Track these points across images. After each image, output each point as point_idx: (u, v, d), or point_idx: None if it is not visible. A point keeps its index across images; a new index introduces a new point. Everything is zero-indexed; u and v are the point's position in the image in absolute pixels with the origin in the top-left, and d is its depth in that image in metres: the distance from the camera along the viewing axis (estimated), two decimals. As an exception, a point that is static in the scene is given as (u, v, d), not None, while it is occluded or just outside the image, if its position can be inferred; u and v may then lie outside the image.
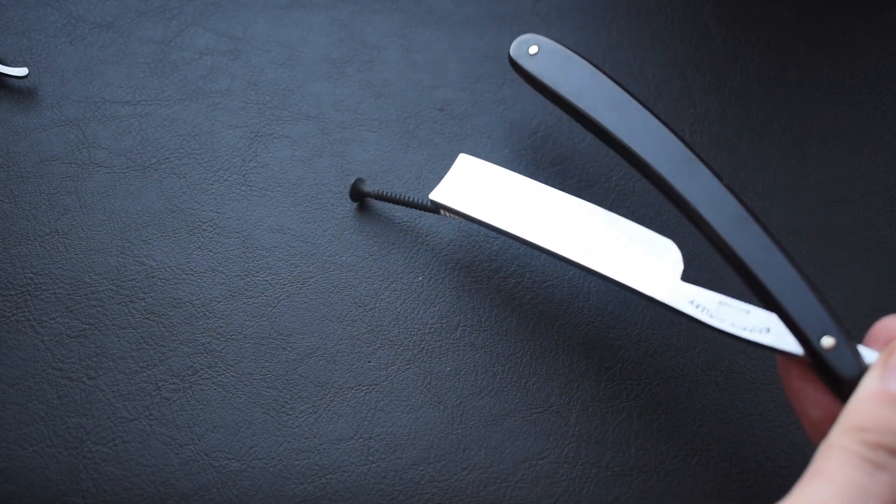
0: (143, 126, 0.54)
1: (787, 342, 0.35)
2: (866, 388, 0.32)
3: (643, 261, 0.40)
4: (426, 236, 0.50)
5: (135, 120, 0.54)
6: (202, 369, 0.47)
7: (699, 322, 0.37)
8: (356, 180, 0.50)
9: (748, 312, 0.36)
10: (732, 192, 0.38)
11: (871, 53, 0.56)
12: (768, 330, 0.36)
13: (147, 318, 0.48)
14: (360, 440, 0.45)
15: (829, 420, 0.34)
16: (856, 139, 0.53)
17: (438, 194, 0.45)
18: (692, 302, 0.38)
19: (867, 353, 0.34)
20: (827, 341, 0.33)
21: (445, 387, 0.46)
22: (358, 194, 0.50)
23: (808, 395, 0.35)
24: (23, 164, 0.52)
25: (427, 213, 0.51)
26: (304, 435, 0.45)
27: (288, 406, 0.46)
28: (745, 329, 0.36)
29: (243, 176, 0.52)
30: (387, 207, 0.51)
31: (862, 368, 0.33)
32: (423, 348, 0.47)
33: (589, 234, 0.42)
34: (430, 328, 0.48)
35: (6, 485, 0.44)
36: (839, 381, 0.34)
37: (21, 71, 0.54)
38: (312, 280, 0.49)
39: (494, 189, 0.45)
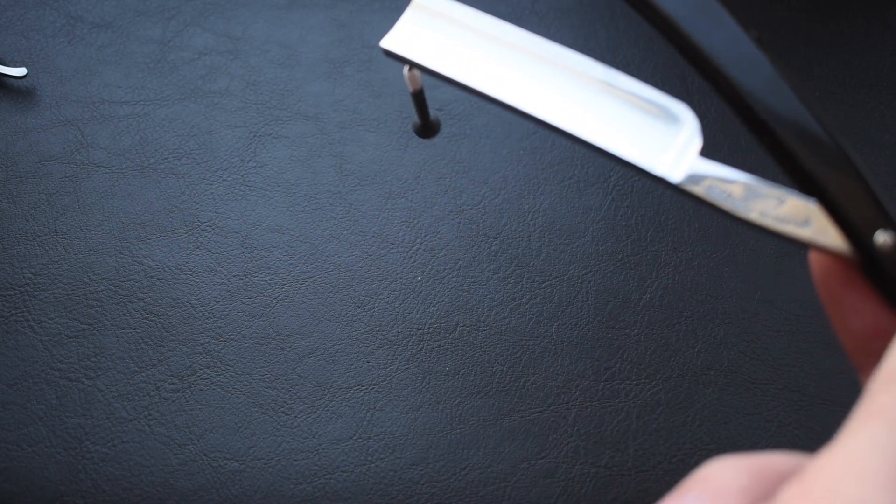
0: (141, 126, 0.54)
1: (830, 237, 0.29)
2: None
3: (650, 129, 0.33)
4: (425, 236, 0.50)
5: (133, 120, 0.54)
6: (201, 369, 0.47)
7: (722, 210, 0.30)
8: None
9: (782, 201, 0.30)
10: (764, 50, 0.30)
11: (871, 53, 0.56)
12: (807, 222, 0.30)
13: (146, 318, 0.48)
14: (359, 440, 0.45)
15: (878, 335, 0.29)
16: (855, 139, 0.53)
17: (390, 41, 0.35)
18: (712, 186, 0.31)
19: None
20: (883, 237, 0.28)
21: (444, 387, 0.46)
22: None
23: (852, 302, 0.30)
24: (22, 164, 0.52)
25: (427, 211, 0.50)
26: (302, 435, 0.45)
27: (287, 406, 0.46)
28: (778, 220, 0.30)
29: (242, 176, 0.52)
30: (386, 205, 0.51)
31: None
32: (422, 348, 0.47)
33: (581, 93, 0.33)
34: (429, 328, 0.48)
35: (6, 485, 0.44)
36: None
37: (20, 71, 0.54)
38: (311, 280, 0.49)
39: (460, 33, 0.36)
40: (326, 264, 0.49)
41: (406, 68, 0.34)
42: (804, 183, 0.29)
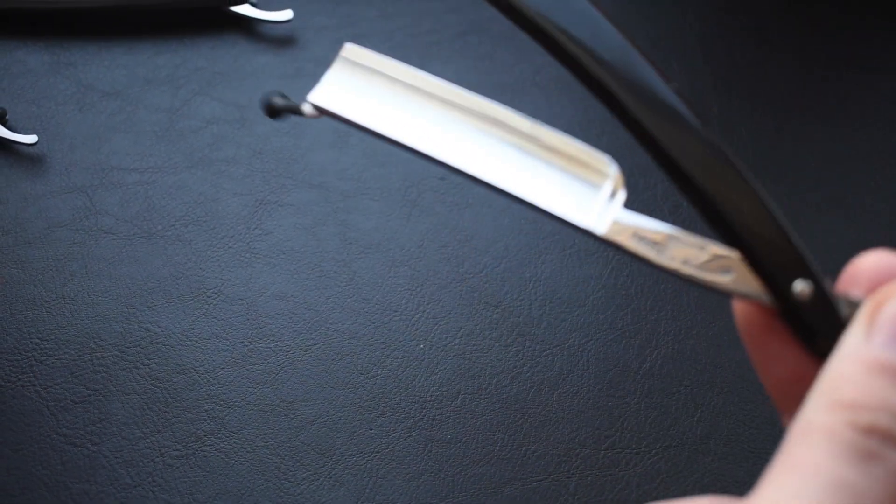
0: (149, 193, 0.54)
1: (751, 285, 0.29)
2: (852, 352, 0.25)
3: (575, 182, 0.32)
4: (428, 304, 0.51)
5: (141, 187, 0.55)
6: (205, 436, 0.47)
7: (644, 260, 0.30)
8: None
9: (704, 250, 0.30)
10: (681, 95, 0.30)
11: (866, 124, 0.57)
12: (728, 271, 0.30)
13: (151, 385, 0.48)
14: (362, 508, 0.45)
15: (799, 380, 0.29)
16: (850, 209, 0.54)
17: (318, 96, 0.33)
18: (635, 234, 0.31)
19: (847, 300, 0.29)
20: (800, 286, 0.28)
21: (446, 454, 0.47)
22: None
23: (774, 349, 0.30)
24: (31, 229, 0.53)
25: (430, 279, 0.51)
26: (305, 502, 0.45)
27: (290, 473, 0.46)
28: (700, 269, 0.30)
29: (247, 243, 0.53)
30: (390, 273, 0.52)
31: (843, 321, 0.28)
32: (424, 416, 0.48)
33: (507, 146, 0.32)
34: (431, 395, 0.48)
35: (9, 551, 0.44)
36: (814, 336, 0.28)
37: (30, 138, 0.55)
38: (315, 347, 0.50)
39: (385, 88, 0.34)
40: (330, 331, 0.50)
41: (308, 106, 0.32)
42: (724, 233, 0.29)
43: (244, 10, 0.60)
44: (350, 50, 0.32)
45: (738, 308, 0.30)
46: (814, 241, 0.53)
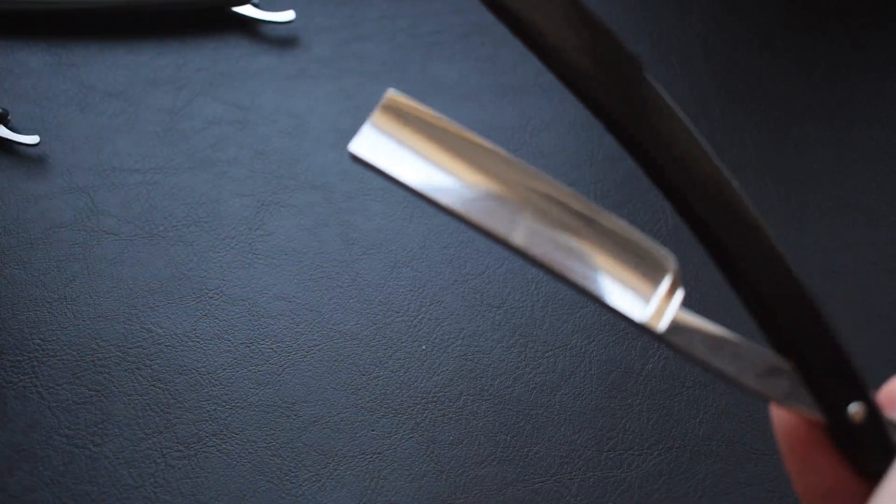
0: (151, 194, 0.54)
1: (801, 399, 0.29)
2: None
3: (633, 274, 0.30)
4: (430, 305, 0.51)
5: (143, 188, 0.55)
6: (207, 437, 0.47)
7: (699, 361, 0.29)
8: None
9: (760, 359, 0.29)
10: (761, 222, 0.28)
11: (869, 126, 0.57)
12: (781, 381, 0.29)
13: (153, 385, 0.48)
14: (364, 509, 0.45)
15: (836, 492, 0.29)
16: (853, 210, 0.54)
17: (359, 145, 0.31)
18: (692, 334, 0.29)
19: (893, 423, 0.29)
20: (855, 408, 0.28)
21: (448, 455, 0.47)
22: None
23: (815, 460, 0.30)
24: (32, 230, 0.53)
25: (432, 280, 0.51)
26: (307, 503, 0.45)
27: (292, 474, 0.46)
28: (755, 377, 0.29)
29: (249, 244, 0.53)
30: (392, 274, 0.52)
31: (893, 444, 0.28)
32: (427, 417, 0.48)
33: (563, 227, 0.30)
34: (434, 396, 0.48)
35: (10, 552, 0.44)
36: (864, 456, 0.28)
37: (32, 139, 0.55)
38: (317, 348, 0.50)
39: (429, 145, 0.31)
40: (332, 332, 0.50)
41: None
42: (783, 346, 0.28)
43: (246, 10, 0.60)
44: (393, 98, 0.30)
45: (779, 415, 0.30)
46: (817, 243, 0.53)
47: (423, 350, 0.50)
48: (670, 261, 0.29)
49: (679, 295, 0.28)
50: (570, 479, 0.46)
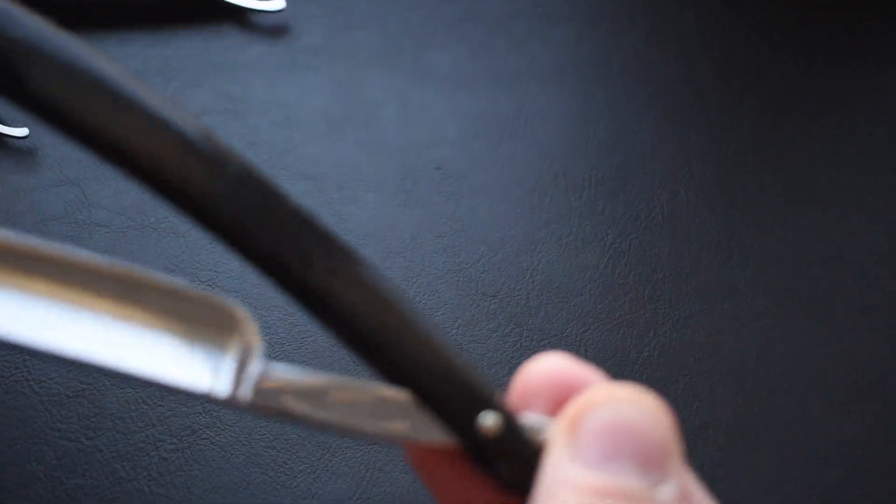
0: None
1: (427, 428, 0.24)
2: (563, 480, 0.22)
3: (190, 335, 0.24)
4: (424, 295, 0.50)
5: (134, 179, 0.54)
6: (201, 429, 0.47)
7: (300, 419, 0.24)
8: None
9: (371, 397, 0.24)
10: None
11: (866, 117, 0.57)
12: (402, 415, 0.24)
13: (146, 378, 0.48)
14: (359, 500, 0.45)
15: None
16: (851, 200, 0.54)
17: None
18: (283, 391, 0.24)
19: (531, 420, 0.24)
20: (487, 423, 0.24)
21: (444, 446, 0.46)
22: None
23: (460, 487, 0.26)
24: (22, 223, 0.53)
25: (426, 269, 0.51)
26: (302, 495, 0.45)
27: (286, 466, 0.46)
28: (371, 419, 0.24)
29: (242, 235, 0.52)
30: (385, 264, 0.51)
31: (536, 447, 0.24)
32: (422, 407, 0.47)
33: (99, 309, 0.24)
34: (429, 387, 0.48)
35: (3, 547, 0.44)
36: (509, 471, 0.24)
37: (21, 131, 0.55)
38: (311, 339, 0.49)
39: None
40: (326, 323, 0.50)
41: None
42: (392, 376, 0.24)
43: None
44: None
45: (410, 450, 0.26)
46: (814, 236, 0.53)
47: (418, 340, 0.49)
48: (240, 312, 0.24)
49: (258, 349, 0.24)
50: (566, 468, 0.46)
